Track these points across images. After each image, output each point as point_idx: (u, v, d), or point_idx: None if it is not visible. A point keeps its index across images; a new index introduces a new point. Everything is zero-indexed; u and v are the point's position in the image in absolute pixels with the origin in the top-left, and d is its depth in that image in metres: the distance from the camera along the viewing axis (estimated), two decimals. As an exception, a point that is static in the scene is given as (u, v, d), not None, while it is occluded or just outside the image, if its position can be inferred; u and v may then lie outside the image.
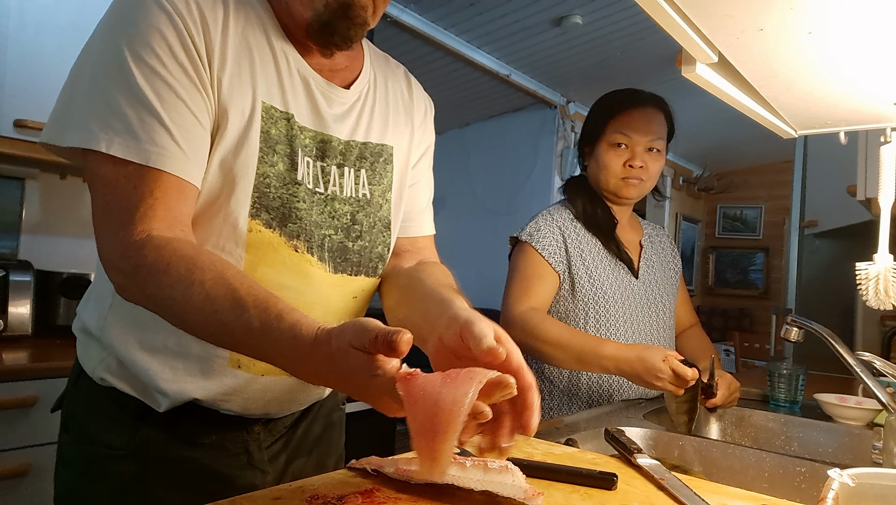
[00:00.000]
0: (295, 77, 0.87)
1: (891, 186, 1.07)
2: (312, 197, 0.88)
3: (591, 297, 1.51)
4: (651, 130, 1.54)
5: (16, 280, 1.99)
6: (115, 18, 0.77)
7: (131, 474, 0.85)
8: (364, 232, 0.95)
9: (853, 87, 0.96)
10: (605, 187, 1.59)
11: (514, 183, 5.07)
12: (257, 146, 0.82)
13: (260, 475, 0.93)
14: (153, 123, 0.74)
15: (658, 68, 4.00)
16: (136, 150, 0.73)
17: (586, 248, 1.55)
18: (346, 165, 0.92)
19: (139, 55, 0.74)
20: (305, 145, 0.87)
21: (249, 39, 0.83)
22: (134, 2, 0.77)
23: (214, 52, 0.79)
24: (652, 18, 0.72)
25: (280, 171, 0.84)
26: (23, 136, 1.90)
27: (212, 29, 0.79)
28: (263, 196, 0.83)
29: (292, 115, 0.86)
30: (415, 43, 3.86)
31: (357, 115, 0.94)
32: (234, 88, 0.81)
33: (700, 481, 0.88)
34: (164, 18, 0.75)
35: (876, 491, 0.67)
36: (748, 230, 7.17)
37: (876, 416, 1.48)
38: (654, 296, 1.62)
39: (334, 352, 0.61)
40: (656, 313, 1.61)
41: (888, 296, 1.06)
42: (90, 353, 0.90)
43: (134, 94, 0.74)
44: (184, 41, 0.76)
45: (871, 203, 2.05)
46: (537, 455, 0.93)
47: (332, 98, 0.90)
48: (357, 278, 0.95)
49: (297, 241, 0.86)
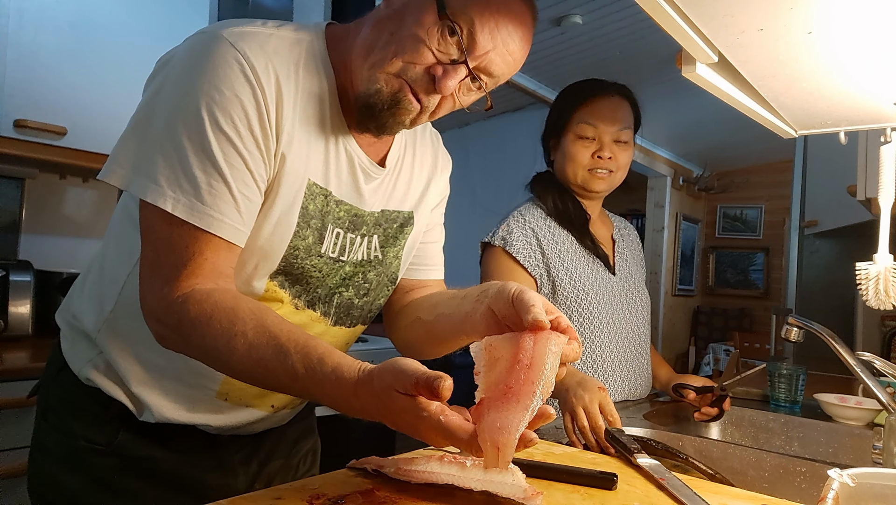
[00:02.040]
0: (342, 155, 0.88)
1: (891, 186, 1.07)
2: (333, 265, 0.91)
3: (573, 297, 1.48)
4: (617, 119, 1.50)
5: (16, 280, 1.99)
6: (199, 75, 0.76)
7: (110, 467, 0.88)
8: (371, 289, 0.98)
9: (853, 87, 0.96)
10: (572, 181, 1.54)
11: (513, 183, 5.04)
12: (295, 222, 0.85)
13: (231, 475, 0.97)
14: (221, 190, 0.76)
15: (658, 68, 4.00)
16: (200, 215, 0.75)
17: (563, 247, 1.52)
18: (367, 235, 0.95)
19: (218, 122, 0.75)
20: (339, 218, 0.90)
21: (310, 116, 0.84)
22: (220, 62, 0.76)
23: (283, 126, 0.80)
24: (652, 18, 0.72)
25: (309, 244, 0.87)
26: (23, 137, 1.90)
27: (286, 102, 0.80)
28: (289, 266, 0.86)
29: (330, 191, 0.88)
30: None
31: (386, 185, 0.96)
32: (292, 165, 0.82)
33: (700, 481, 0.88)
34: (247, 89, 0.76)
35: (876, 491, 0.67)
36: (748, 230, 7.17)
37: (876, 416, 1.48)
38: (631, 292, 1.59)
39: (379, 393, 0.64)
40: (635, 309, 1.58)
41: (888, 296, 1.06)
42: (77, 349, 0.92)
43: (208, 158, 0.75)
44: (261, 113, 0.78)
45: (871, 203, 2.05)
46: (537, 455, 0.93)
47: (370, 175, 0.92)
48: (355, 329, 1.00)
49: (298, 301, 0.90)
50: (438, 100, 0.83)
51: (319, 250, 0.89)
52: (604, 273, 1.55)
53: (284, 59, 0.81)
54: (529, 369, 0.64)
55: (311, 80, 0.84)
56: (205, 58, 0.77)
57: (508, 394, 0.62)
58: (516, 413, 0.61)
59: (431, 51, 0.79)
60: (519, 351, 0.66)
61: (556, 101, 1.61)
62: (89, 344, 0.91)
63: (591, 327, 1.49)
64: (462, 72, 0.80)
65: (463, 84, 0.83)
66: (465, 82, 0.83)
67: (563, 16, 3.58)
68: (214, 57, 0.77)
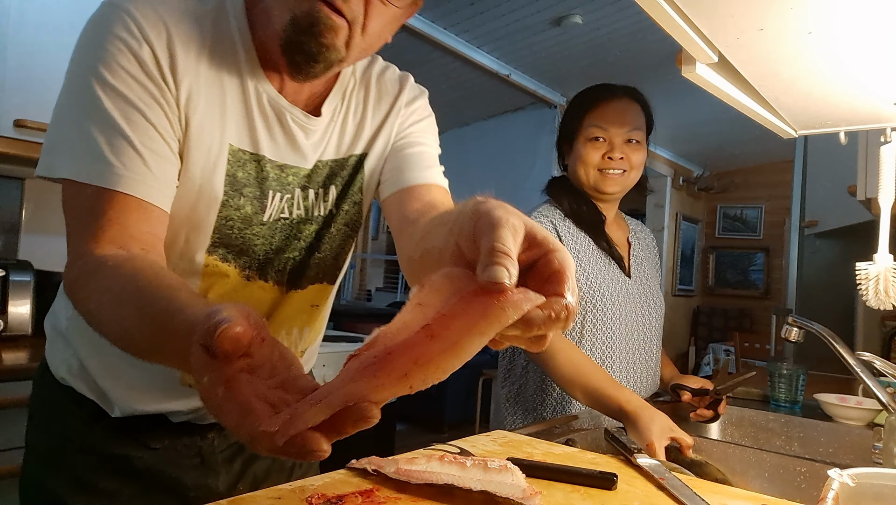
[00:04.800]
0: (269, 114, 0.84)
1: (891, 186, 1.07)
2: (276, 225, 0.87)
3: (589, 297, 1.49)
4: (626, 121, 1.51)
5: (16, 280, 1.99)
6: (86, 43, 0.76)
7: (88, 466, 0.88)
8: (325, 244, 0.94)
9: (853, 87, 0.96)
10: (585, 183, 1.55)
11: (513, 183, 5.06)
12: (221, 191, 0.81)
13: (212, 475, 0.95)
14: (122, 146, 0.72)
15: (658, 68, 3.99)
16: (99, 174, 0.71)
17: (580, 248, 1.53)
18: (315, 188, 0.90)
19: (106, 80, 0.72)
20: (284, 182, 0.86)
21: (224, 81, 0.80)
22: (103, 23, 0.74)
23: (182, 83, 0.76)
24: (652, 18, 0.72)
25: (247, 213, 0.84)
26: (23, 136, 1.90)
27: (181, 63, 0.76)
28: (225, 236, 0.83)
29: (263, 155, 0.84)
30: (414, 43, 3.86)
31: (330, 134, 0.91)
32: (204, 130, 0.79)
33: (700, 481, 0.88)
34: (132, 43, 0.73)
35: (876, 491, 0.67)
36: (748, 230, 7.17)
37: (876, 416, 1.48)
38: (646, 294, 1.61)
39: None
40: (649, 313, 1.60)
41: (888, 296, 1.06)
42: (55, 350, 0.92)
43: (103, 117, 0.72)
44: (149, 65, 0.74)
45: (871, 203, 2.05)
46: (537, 455, 0.93)
47: (307, 128, 0.87)
48: (313, 288, 0.95)
49: (249, 271, 0.87)
50: (362, 6, 0.75)
51: (262, 219, 0.85)
52: (619, 275, 1.57)
53: (180, 14, 0.77)
54: (428, 346, 0.41)
55: (224, 46, 0.80)
56: (90, 25, 0.76)
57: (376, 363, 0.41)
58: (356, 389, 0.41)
59: None
60: (438, 313, 0.43)
61: (568, 107, 1.63)
62: (65, 344, 0.91)
63: (604, 328, 1.50)
64: None
65: None
66: None
67: (563, 16, 3.58)
68: (99, 21, 0.75)
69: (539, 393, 1.52)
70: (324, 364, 2.62)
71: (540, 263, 0.45)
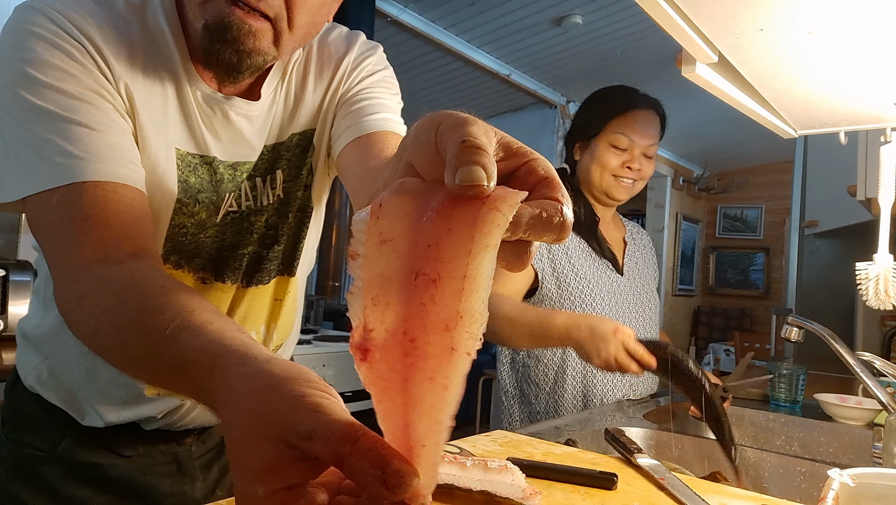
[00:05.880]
0: (210, 112, 0.77)
1: (891, 186, 1.07)
2: (226, 220, 0.82)
3: (578, 295, 1.50)
4: (651, 134, 1.54)
5: (16, 280, 1.99)
6: (7, 49, 0.66)
7: (58, 475, 0.85)
8: (281, 235, 0.89)
9: (853, 87, 0.96)
10: (596, 184, 1.56)
11: (513, 183, 5.06)
12: (174, 198, 0.75)
13: (189, 481, 0.92)
14: (75, 133, 0.63)
15: (658, 68, 4.00)
16: (54, 173, 0.61)
17: (571, 246, 1.54)
18: (261, 175, 0.84)
19: (35, 78, 0.63)
20: (236, 181, 0.81)
21: (160, 81, 0.73)
22: (24, 25, 0.66)
23: (121, 88, 0.69)
24: (652, 18, 0.72)
25: (201, 219, 0.79)
26: (23, 136, 1.90)
27: (114, 64, 0.69)
28: (177, 244, 0.79)
29: (214, 157, 0.78)
30: (415, 43, 3.86)
31: (273, 115, 0.83)
32: (149, 134, 0.72)
33: (700, 481, 0.88)
34: (62, 37, 0.66)
35: (876, 491, 0.67)
36: (748, 230, 7.17)
37: (876, 416, 1.47)
38: (639, 293, 1.62)
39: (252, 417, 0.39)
40: (642, 310, 1.60)
41: (888, 296, 1.06)
42: (25, 359, 0.89)
43: (42, 118, 0.63)
44: (81, 59, 0.66)
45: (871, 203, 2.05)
46: (537, 455, 0.93)
47: (250, 116, 0.80)
48: (273, 281, 0.91)
49: (204, 273, 0.83)
50: (281, 1, 0.67)
51: (215, 221, 0.80)
52: (610, 272, 1.57)
53: (104, 11, 0.69)
54: (440, 285, 0.32)
55: (157, 48, 0.72)
56: (7, 30, 0.67)
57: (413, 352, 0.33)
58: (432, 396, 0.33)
59: None
60: (420, 235, 0.33)
61: (589, 106, 1.62)
62: (34, 352, 0.88)
63: None
64: None
65: None
66: None
67: (563, 16, 3.58)
68: (17, 24, 0.66)
69: (533, 385, 1.53)
70: (324, 364, 2.62)
71: (520, 172, 0.37)
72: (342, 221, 4.24)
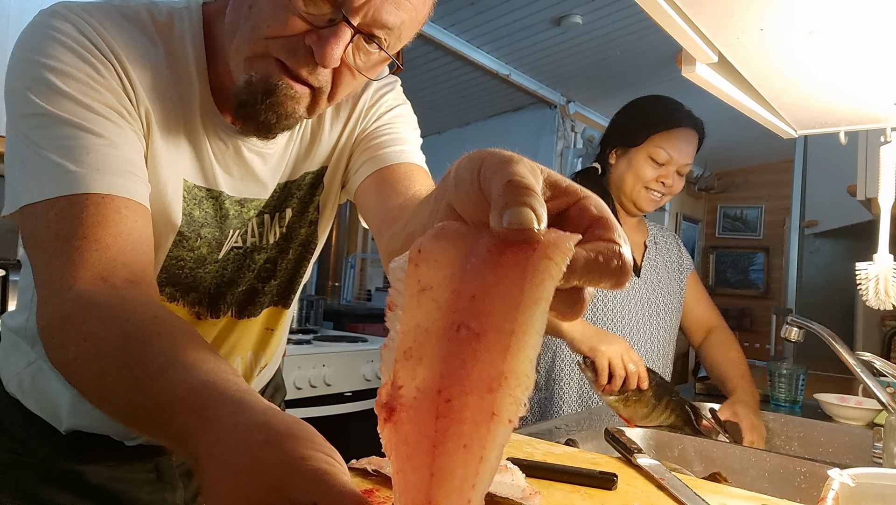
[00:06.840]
0: (223, 147, 0.76)
1: (891, 186, 1.07)
2: (229, 256, 0.81)
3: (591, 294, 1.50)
4: (690, 154, 1.57)
5: (16, 280, 1.99)
6: (26, 51, 0.65)
7: (37, 481, 0.84)
8: (280, 270, 0.88)
9: (853, 87, 0.96)
10: (627, 193, 1.57)
11: (513, 183, 5.06)
12: (175, 230, 0.74)
13: (169, 489, 0.90)
14: (86, 143, 0.61)
15: (658, 68, 4.00)
16: (57, 183, 0.59)
17: None
18: (269, 212, 0.84)
19: (53, 84, 0.62)
20: (242, 218, 0.80)
21: (179, 111, 0.72)
22: (47, 33, 0.64)
23: (141, 109, 0.68)
24: (652, 18, 0.72)
25: (201, 254, 0.78)
26: (23, 136, 1.90)
27: (138, 84, 0.67)
28: (173, 276, 0.77)
29: (221, 192, 0.77)
30: (414, 42, 3.83)
31: (290, 155, 0.83)
32: (161, 161, 0.71)
33: (700, 481, 0.88)
34: (89, 52, 0.64)
35: (876, 491, 0.67)
36: (748, 230, 7.16)
37: (876, 416, 1.47)
38: (655, 295, 1.62)
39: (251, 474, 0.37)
40: (657, 313, 1.61)
41: (888, 296, 1.06)
42: (8, 364, 0.87)
43: (54, 126, 0.61)
44: (105, 73, 0.64)
45: (871, 203, 2.05)
46: (537, 455, 0.93)
47: (264, 153, 0.79)
48: (266, 312, 0.90)
49: (199, 308, 0.82)
50: (330, 75, 0.67)
51: (216, 257, 0.79)
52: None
53: (133, 36, 0.68)
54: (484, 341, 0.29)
55: (179, 65, 0.71)
56: (29, 34, 0.65)
57: (447, 414, 0.30)
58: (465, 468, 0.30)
59: (299, 15, 0.62)
60: (464, 285, 0.30)
61: (633, 114, 1.61)
62: (16, 358, 0.86)
63: (607, 324, 1.51)
64: (345, 32, 0.63)
65: (354, 47, 0.66)
66: (356, 44, 0.66)
67: (563, 16, 3.58)
68: (41, 29, 0.64)
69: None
70: (324, 364, 2.61)
71: (571, 212, 0.34)
72: (342, 222, 4.24)
